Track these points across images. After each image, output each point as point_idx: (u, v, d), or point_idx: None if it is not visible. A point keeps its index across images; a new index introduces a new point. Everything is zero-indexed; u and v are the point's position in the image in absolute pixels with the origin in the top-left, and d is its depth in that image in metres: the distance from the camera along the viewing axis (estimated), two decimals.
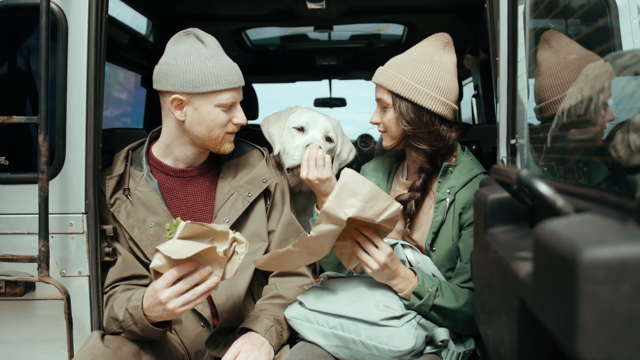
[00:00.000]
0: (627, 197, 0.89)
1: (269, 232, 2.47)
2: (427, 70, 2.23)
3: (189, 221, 1.91)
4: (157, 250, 1.89)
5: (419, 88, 2.20)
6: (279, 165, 2.69)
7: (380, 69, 2.32)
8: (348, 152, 2.86)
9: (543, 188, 0.96)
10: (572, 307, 0.71)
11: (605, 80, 1.47)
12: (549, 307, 0.82)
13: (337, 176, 2.80)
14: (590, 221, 0.83)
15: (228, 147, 2.36)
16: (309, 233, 1.96)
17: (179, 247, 1.86)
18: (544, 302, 0.85)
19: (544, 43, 1.99)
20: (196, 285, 1.93)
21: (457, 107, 2.30)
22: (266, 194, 2.48)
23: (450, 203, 2.22)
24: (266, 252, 2.43)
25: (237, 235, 1.98)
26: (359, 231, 2.05)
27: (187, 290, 1.92)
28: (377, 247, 2.04)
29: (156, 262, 1.90)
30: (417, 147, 2.25)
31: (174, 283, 1.92)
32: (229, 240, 1.94)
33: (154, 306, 1.97)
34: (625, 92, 1.39)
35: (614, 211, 0.88)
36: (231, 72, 2.26)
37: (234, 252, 1.97)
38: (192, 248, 1.86)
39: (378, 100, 2.31)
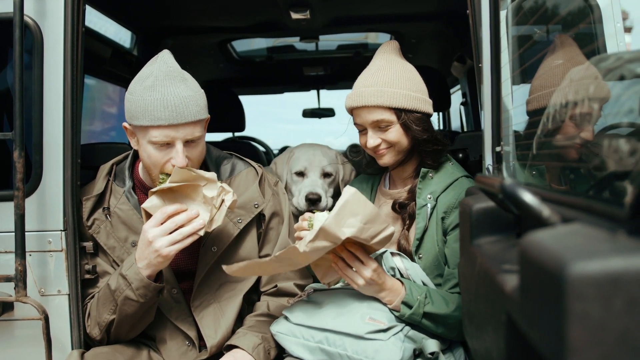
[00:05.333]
0: (615, 205, 0.85)
1: (264, 257, 2.35)
2: (413, 77, 2.27)
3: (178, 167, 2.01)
4: (151, 193, 2.02)
5: (418, 96, 2.24)
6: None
7: (372, 91, 2.21)
8: (350, 173, 3.20)
9: (528, 198, 0.92)
10: (561, 325, 0.66)
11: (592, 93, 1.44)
12: (536, 324, 0.78)
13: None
14: (578, 232, 0.78)
15: None
16: (301, 247, 1.90)
17: (168, 184, 1.99)
18: (531, 318, 0.80)
19: (552, 46, 1.97)
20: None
21: None
22: (260, 217, 2.35)
23: (432, 208, 2.22)
24: (258, 280, 2.38)
25: (225, 185, 2.05)
26: (344, 247, 2.01)
27: (174, 231, 1.98)
28: (362, 262, 2.00)
29: (147, 203, 2.02)
30: (427, 151, 2.28)
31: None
32: (217, 187, 2.02)
33: (144, 249, 2.00)
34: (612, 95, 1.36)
35: (603, 220, 0.84)
36: (161, 108, 1.97)
37: (222, 201, 2.04)
38: (179, 183, 2.00)
39: (376, 122, 2.22)
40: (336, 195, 3.17)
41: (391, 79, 2.23)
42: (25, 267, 2.10)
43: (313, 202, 2.95)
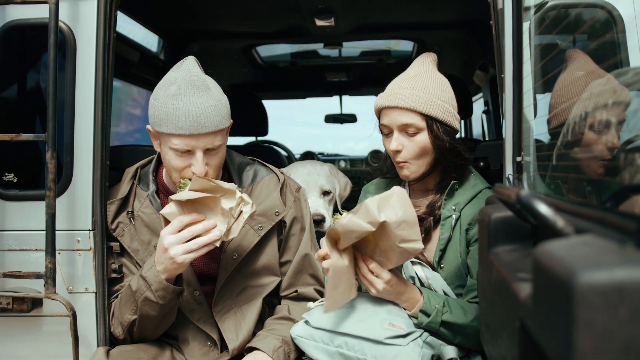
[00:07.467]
0: (628, 218, 0.87)
1: (285, 263, 2.39)
2: (448, 90, 2.26)
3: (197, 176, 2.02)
4: (170, 200, 2.02)
5: (451, 110, 2.22)
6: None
7: (408, 93, 2.19)
8: (344, 188, 3.19)
9: (543, 208, 0.95)
10: (569, 332, 0.69)
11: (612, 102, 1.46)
12: (546, 330, 0.81)
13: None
14: (589, 243, 0.81)
15: None
16: (342, 221, 1.91)
17: (187, 195, 1.99)
18: (542, 325, 0.83)
19: (564, 63, 1.97)
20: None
21: None
22: (281, 224, 2.37)
23: (456, 220, 2.21)
24: (278, 285, 2.39)
25: (244, 195, 2.05)
26: (362, 258, 2.03)
27: (190, 240, 2.00)
28: (376, 275, 2.02)
29: (166, 209, 2.03)
30: (453, 165, 2.26)
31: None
32: (236, 198, 2.02)
33: (160, 255, 2.03)
34: (630, 109, 1.38)
35: (614, 232, 0.87)
36: (183, 118, 2.00)
37: (240, 212, 2.05)
38: (198, 194, 1.99)
39: (404, 125, 2.19)
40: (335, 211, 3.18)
41: (428, 86, 2.21)
42: (55, 265, 2.17)
43: (317, 223, 2.89)
